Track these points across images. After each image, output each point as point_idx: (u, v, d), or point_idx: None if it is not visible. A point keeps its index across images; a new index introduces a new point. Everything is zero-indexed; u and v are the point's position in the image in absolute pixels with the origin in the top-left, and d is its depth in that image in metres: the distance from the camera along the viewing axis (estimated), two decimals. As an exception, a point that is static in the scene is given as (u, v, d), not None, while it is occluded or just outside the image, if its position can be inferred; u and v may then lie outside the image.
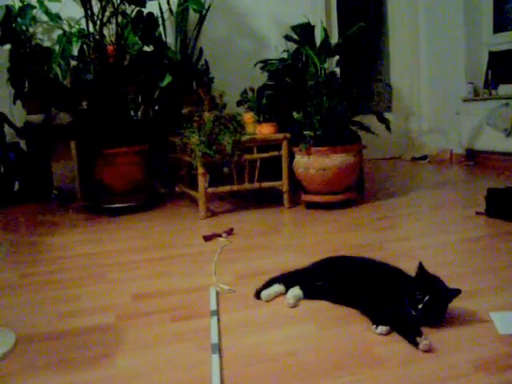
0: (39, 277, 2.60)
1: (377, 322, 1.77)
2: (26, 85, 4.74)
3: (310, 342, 1.73)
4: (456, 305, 1.85)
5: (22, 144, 4.98)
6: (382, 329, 1.73)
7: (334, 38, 5.98)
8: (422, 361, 1.56)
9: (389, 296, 1.87)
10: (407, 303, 1.76)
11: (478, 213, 3.41)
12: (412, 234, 3.10)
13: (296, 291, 2.10)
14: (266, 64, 4.49)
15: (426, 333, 1.72)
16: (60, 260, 2.89)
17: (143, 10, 4.37)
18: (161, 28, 5.02)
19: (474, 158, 5.90)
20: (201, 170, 3.77)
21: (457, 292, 1.79)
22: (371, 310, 1.87)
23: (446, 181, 4.91)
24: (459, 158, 6.12)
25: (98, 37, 4.25)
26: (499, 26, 5.77)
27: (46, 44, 4.96)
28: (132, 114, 4.49)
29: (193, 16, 5.27)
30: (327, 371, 1.53)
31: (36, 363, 1.67)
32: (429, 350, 1.61)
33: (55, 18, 4.87)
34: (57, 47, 4.83)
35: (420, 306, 1.73)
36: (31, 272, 2.69)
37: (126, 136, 4.19)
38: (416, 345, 1.63)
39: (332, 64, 5.00)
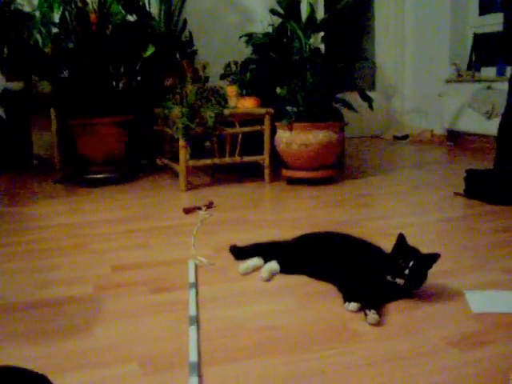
0: (18, 247, 2.58)
1: (348, 298, 1.79)
2: (5, 51, 4.64)
3: (288, 317, 1.74)
4: (432, 283, 1.88)
5: (1, 112, 4.88)
6: (353, 306, 1.75)
7: (320, 14, 5.93)
8: (397, 336, 1.59)
9: (361, 272, 1.90)
10: (392, 274, 1.79)
11: (456, 193, 3.45)
12: (391, 213, 3.13)
13: (272, 265, 2.11)
14: (250, 37, 4.46)
15: (402, 309, 1.75)
16: (39, 230, 2.87)
17: (127, -23, 4.29)
18: (145, -3, 4.93)
19: (455, 139, 5.95)
20: (182, 143, 3.75)
21: (436, 256, 1.83)
22: (344, 286, 1.89)
23: (426, 161, 4.94)
24: (440, 139, 6.16)
25: (80, 4, 4.17)
26: (485, 8, 5.77)
27: (26, 9, 4.85)
28: (114, 84, 4.43)
29: (178, -14, 5.18)
30: (304, 345, 1.55)
31: (13, 333, 1.67)
32: (375, 325, 1.64)
33: (36, -18, 4.75)
34: (37, 13, 4.73)
35: (406, 272, 1.77)
36: (10, 242, 2.67)
37: (107, 106, 4.14)
38: (365, 315, 1.68)
39: (317, 40, 4.97)
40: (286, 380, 1.38)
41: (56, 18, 4.67)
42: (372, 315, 1.66)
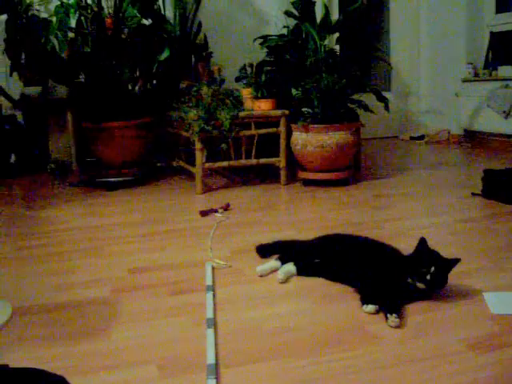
0: (35, 250, 2.61)
1: (366, 300, 1.79)
2: (23, 56, 4.69)
3: (305, 319, 1.74)
4: (450, 284, 1.86)
5: (19, 116, 4.94)
6: (370, 308, 1.75)
7: (335, 15, 5.92)
8: (415, 338, 1.58)
9: (381, 274, 1.89)
10: (415, 278, 1.80)
11: (473, 194, 3.42)
12: (408, 214, 3.11)
13: (288, 267, 2.11)
14: (265, 40, 4.45)
15: (420, 310, 1.74)
16: (56, 233, 2.90)
17: (142, -19, 4.31)
18: (160, 1, 4.95)
19: (472, 139, 5.90)
20: (198, 145, 3.76)
21: (456, 261, 1.83)
22: (362, 288, 1.89)
23: (443, 161, 4.91)
24: (457, 139, 6.11)
25: (96, 9, 4.20)
26: (502, 6, 5.71)
27: (43, 15, 4.90)
28: (130, 87, 4.46)
29: (192, -11, 5.20)
30: (321, 348, 1.55)
31: (32, 335, 1.68)
32: (396, 327, 1.64)
33: (52, -12, 4.80)
34: (54, 18, 4.77)
35: (428, 277, 1.78)
36: (27, 245, 2.70)
37: (124, 110, 4.17)
38: (386, 319, 1.68)
39: (332, 41, 4.96)
40: (303, 382, 1.37)
41: (72, 23, 4.70)
42: (393, 319, 1.65)
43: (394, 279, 1.85)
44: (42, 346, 1.60)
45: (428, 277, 1.78)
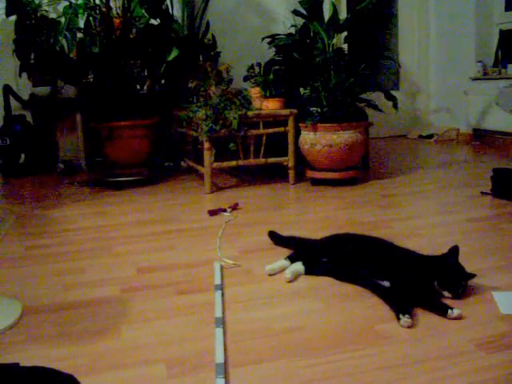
0: (45, 249, 2.62)
1: (400, 310, 1.72)
2: (32, 57, 4.71)
3: (314, 318, 1.74)
4: (459, 283, 1.86)
5: (28, 116, 4.97)
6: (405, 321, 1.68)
7: (343, 14, 5.91)
8: (424, 338, 1.57)
9: (400, 275, 1.88)
10: (447, 289, 1.81)
11: (483, 193, 3.41)
12: (417, 213, 3.10)
13: (296, 267, 2.11)
14: (273, 39, 4.45)
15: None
16: (65, 233, 2.91)
17: (150, -19, 4.32)
18: (168, 1, 4.96)
19: (481, 138, 5.87)
20: (207, 145, 3.76)
21: (473, 276, 1.86)
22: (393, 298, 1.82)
23: (452, 160, 4.89)
24: (466, 138, 6.09)
25: (104, 9, 4.22)
26: (511, 4, 5.67)
27: (52, 16, 4.92)
28: (138, 87, 4.47)
29: (200, -11, 5.21)
30: (330, 347, 1.55)
31: (41, 334, 1.69)
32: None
33: (61, -12, 4.82)
34: (62, 19, 4.79)
35: (460, 291, 1.83)
36: (37, 244, 2.71)
37: (132, 109, 4.18)
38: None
39: (340, 40, 4.94)
40: (312, 382, 1.37)
41: (81, 23, 4.73)
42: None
43: (417, 281, 1.84)
44: (52, 345, 1.61)
45: (460, 290, 1.82)
